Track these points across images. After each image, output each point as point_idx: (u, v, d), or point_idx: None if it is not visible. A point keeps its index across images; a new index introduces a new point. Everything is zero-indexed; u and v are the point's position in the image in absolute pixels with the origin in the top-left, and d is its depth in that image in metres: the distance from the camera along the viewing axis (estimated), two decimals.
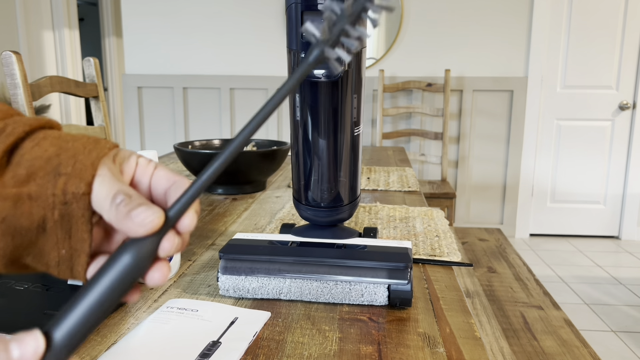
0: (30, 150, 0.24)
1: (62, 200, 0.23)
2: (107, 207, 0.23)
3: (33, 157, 0.24)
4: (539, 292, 1.36)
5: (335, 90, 0.50)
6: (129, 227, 0.23)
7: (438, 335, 0.44)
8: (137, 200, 0.24)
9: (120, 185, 0.24)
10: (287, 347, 0.41)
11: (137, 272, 0.22)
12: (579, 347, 1.03)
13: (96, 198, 0.24)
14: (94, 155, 0.24)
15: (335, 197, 0.56)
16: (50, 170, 0.24)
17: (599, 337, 1.61)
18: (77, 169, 0.24)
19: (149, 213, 0.23)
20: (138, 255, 0.22)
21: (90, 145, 0.25)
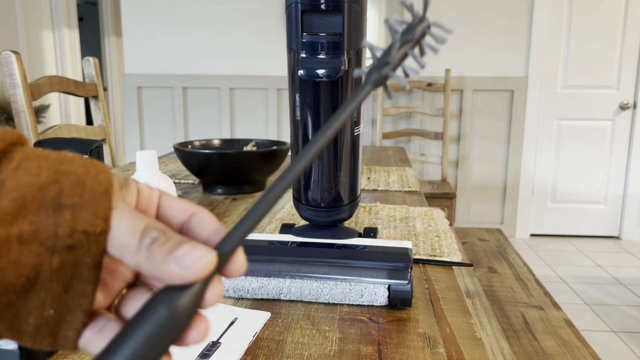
0: (13, 174, 0.17)
1: (68, 244, 0.17)
2: (133, 249, 0.18)
3: (19, 184, 0.17)
4: (539, 293, 1.36)
5: (335, 89, 0.50)
6: (170, 273, 0.17)
7: (438, 336, 0.43)
8: (176, 236, 0.18)
9: (147, 218, 0.19)
10: (287, 347, 0.41)
11: (175, 333, 0.17)
12: (580, 347, 1.03)
13: (115, 237, 0.18)
14: (103, 180, 0.18)
15: (335, 197, 0.55)
16: (47, 202, 0.17)
17: (600, 338, 1.61)
18: (86, 199, 0.18)
19: (200, 253, 0.18)
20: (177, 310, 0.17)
21: (91, 166, 0.19)
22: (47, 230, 0.17)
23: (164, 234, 0.18)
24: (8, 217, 0.17)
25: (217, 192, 0.94)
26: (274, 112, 2.62)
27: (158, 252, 0.18)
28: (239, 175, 0.91)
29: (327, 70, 0.47)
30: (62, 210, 0.17)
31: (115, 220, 0.18)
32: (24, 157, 0.18)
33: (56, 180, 0.18)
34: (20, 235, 0.17)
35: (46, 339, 0.18)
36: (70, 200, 0.18)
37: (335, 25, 0.47)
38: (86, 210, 0.18)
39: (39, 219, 0.17)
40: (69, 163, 0.18)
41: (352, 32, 0.48)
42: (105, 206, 0.18)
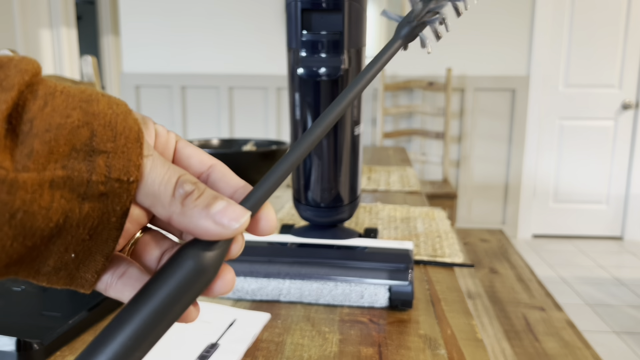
0: (41, 112, 0.16)
1: (101, 191, 0.17)
2: (166, 200, 0.17)
3: (51, 125, 0.16)
4: (541, 293, 1.36)
5: (335, 88, 0.50)
6: (205, 229, 0.17)
7: (439, 337, 0.43)
8: (210, 190, 0.18)
9: (179, 168, 0.18)
10: (286, 348, 0.41)
11: (202, 286, 0.18)
12: (581, 348, 1.02)
13: (147, 186, 0.17)
14: (132, 123, 0.18)
15: (335, 197, 0.55)
16: (80, 146, 0.16)
17: (602, 338, 1.61)
18: (119, 145, 0.17)
19: (237, 212, 0.17)
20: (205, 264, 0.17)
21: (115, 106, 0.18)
22: (81, 176, 0.16)
23: (197, 187, 0.18)
24: (42, 160, 0.16)
25: None
26: (273, 112, 2.61)
27: (193, 206, 0.17)
28: (238, 174, 0.90)
29: (327, 69, 0.47)
30: (96, 155, 0.17)
31: (148, 169, 0.17)
32: (49, 93, 0.17)
33: (87, 123, 0.17)
34: (53, 180, 0.16)
35: (62, 280, 0.18)
36: (104, 146, 0.17)
37: (336, 23, 0.47)
38: (120, 157, 0.17)
39: (72, 163, 0.16)
40: (96, 103, 0.17)
41: (352, 31, 0.48)
42: (138, 153, 0.17)
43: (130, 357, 0.16)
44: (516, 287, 1.45)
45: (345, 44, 0.47)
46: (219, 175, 0.20)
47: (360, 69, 0.51)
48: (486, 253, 2.03)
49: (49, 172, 0.16)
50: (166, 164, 0.18)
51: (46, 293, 0.51)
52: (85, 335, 0.42)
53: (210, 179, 0.20)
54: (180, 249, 0.18)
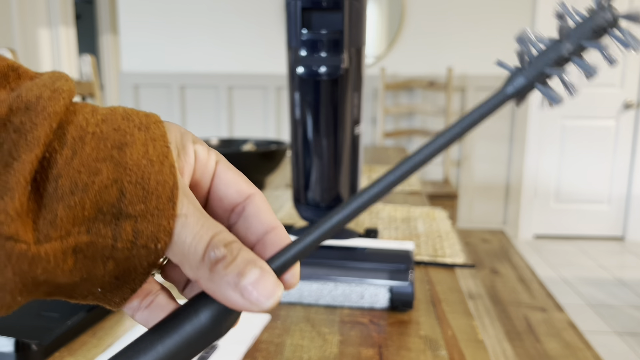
0: (68, 167, 0.15)
1: (125, 255, 0.16)
2: (195, 262, 0.16)
3: (76, 185, 0.15)
4: (542, 294, 1.35)
5: (335, 88, 0.49)
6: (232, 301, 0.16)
7: (440, 338, 0.43)
8: (243, 254, 0.16)
9: (214, 225, 0.17)
10: (286, 350, 0.41)
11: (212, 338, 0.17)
12: (583, 349, 1.02)
13: (177, 246, 0.16)
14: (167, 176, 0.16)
15: (335, 197, 0.55)
16: (107, 208, 0.15)
17: (603, 339, 1.60)
18: (150, 208, 0.16)
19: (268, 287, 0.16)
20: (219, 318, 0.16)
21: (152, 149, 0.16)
22: (105, 242, 0.15)
23: (230, 251, 0.16)
24: (66, 227, 0.15)
25: None
26: (272, 111, 2.61)
27: (222, 274, 0.16)
28: None
29: (327, 68, 0.47)
30: (123, 219, 0.15)
31: (179, 228, 0.16)
32: (78, 138, 0.15)
33: (117, 180, 0.15)
34: (76, 246, 0.15)
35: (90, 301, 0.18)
36: (132, 209, 0.15)
37: (336, 22, 0.47)
38: (149, 221, 0.16)
39: (97, 227, 0.15)
40: (130, 147, 0.16)
41: (352, 30, 0.47)
42: (169, 215, 0.16)
43: None
44: (517, 288, 1.45)
45: (346, 43, 0.47)
46: (255, 210, 0.19)
47: (360, 68, 0.51)
48: (487, 253, 2.03)
49: (72, 239, 0.15)
50: (200, 220, 0.16)
51: None
52: (84, 336, 0.41)
53: (245, 213, 0.19)
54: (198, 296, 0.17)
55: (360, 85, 0.52)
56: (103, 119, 0.16)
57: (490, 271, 1.69)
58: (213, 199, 0.19)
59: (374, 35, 2.52)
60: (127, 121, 0.17)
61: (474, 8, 2.46)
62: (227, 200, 0.19)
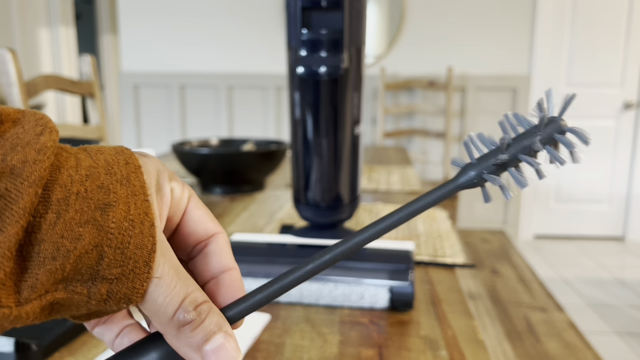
0: (51, 232, 0.15)
1: (100, 309, 0.17)
2: (164, 320, 0.17)
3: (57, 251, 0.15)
4: (542, 294, 1.35)
5: (335, 88, 0.49)
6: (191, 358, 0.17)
7: (440, 338, 0.43)
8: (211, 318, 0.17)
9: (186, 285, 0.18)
10: (286, 350, 0.41)
11: None
12: (583, 349, 1.02)
13: (149, 303, 0.17)
14: (147, 240, 0.17)
15: (335, 197, 0.55)
16: (85, 269, 0.16)
17: (603, 339, 1.60)
18: (127, 271, 0.16)
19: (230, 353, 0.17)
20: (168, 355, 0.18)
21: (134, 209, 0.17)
22: (81, 298, 0.16)
23: (199, 313, 0.17)
24: (46, 288, 0.15)
25: (215, 192, 0.93)
26: (272, 111, 2.61)
27: (188, 336, 0.17)
28: (237, 175, 0.90)
29: (327, 68, 0.47)
30: (101, 282, 0.16)
31: (152, 288, 0.17)
32: (63, 200, 0.15)
33: (98, 245, 0.16)
34: (53, 301, 0.16)
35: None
36: (109, 273, 0.16)
37: (336, 22, 0.47)
38: (124, 283, 0.17)
39: (74, 286, 0.16)
40: (113, 210, 0.16)
41: (352, 30, 0.47)
42: (144, 278, 0.17)
43: None
44: (517, 288, 1.45)
45: (346, 43, 0.47)
46: (217, 250, 0.20)
47: (360, 68, 0.51)
48: (487, 253, 2.03)
49: (50, 295, 0.16)
50: (174, 282, 0.17)
51: None
52: (84, 336, 0.41)
53: (206, 250, 0.20)
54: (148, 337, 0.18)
55: (360, 85, 0.52)
56: (87, 175, 0.16)
57: (490, 271, 1.69)
58: (180, 233, 0.20)
59: (374, 35, 2.52)
60: (109, 176, 0.17)
61: (474, 8, 2.46)
62: (193, 237, 0.20)
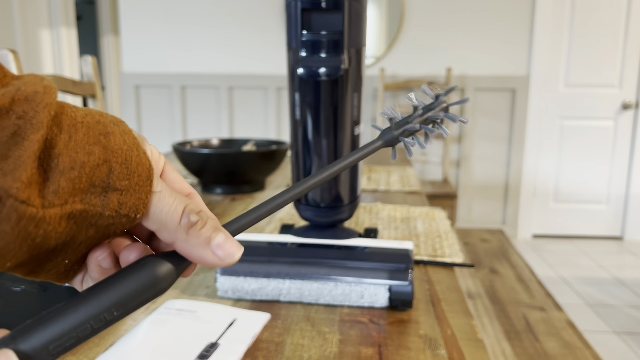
0: (67, 149, 0.18)
1: (109, 222, 0.19)
2: (172, 227, 0.20)
3: (74, 162, 0.18)
4: (541, 294, 1.36)
5: (335, 88, 0.50)
6: (204, 258, 0.20)
7: (439, 337, 0.43)
8: (211, 221, 0.20)
9: (185, 199, 0.20)
10: (286, 349, 0.41)
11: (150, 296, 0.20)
12: (582, 348, 1.02)
13: (154, 216, 0.20)
14: (144, 160, 0.20)
15: (335, 197, 0.55)
16: (98, 182, 0.19)
17: (602, 339, 1.60)
18: (134, 183, 0.19)
19: (233, 248, 0.20)
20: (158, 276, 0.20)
21: (129, 139, 0.20)
22: (95, 210, 0.19)
23: (201, 217, 0.20)
24: (65, 197, 0.18)
25: (216, 192, 0.93)
26: (273, 112, 2.61)
27: (196, 236, 0.19)
28: (237, 175, 0.90)
29: (327, 69, 0.47)
30: (111, 192, 0.19)
31: (155, 201, 0.20)
32: (71, 125, 0.19)
33: (107, 160, 0.19)
34: (71, 212, 0.18)
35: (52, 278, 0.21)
36: (119, 184, 0.19)
37: (336, 23, 0.47)
38: (131, 194, 0.19)
39: (90, 198, 0.18)
40: (112, 136, 0.19)
41: (352, 31, 0.48)
42: (147, 191, 0.20)
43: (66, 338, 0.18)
44: (516, 287, 1.45)
45: (345, 44, 0.47)
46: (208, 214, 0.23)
47: (360, 68, 0.51)
48: (486, 253, 2.03)
49: (69, 206, 0.18)
50: (173, 195, 0.20)
51: (46, 293, 0.50)
52: None
53: None
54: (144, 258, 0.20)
55: (360, 85, 0.52)
56: (85, 113, 0.19)
57: (489, 271, 1.70)
58: None
59: (374, 35, 2.52)
60: (103, 117, 0.20)
61: (473, 9, 2.46)
62: None
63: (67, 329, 0.17)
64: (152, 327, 0.43)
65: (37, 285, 0.52)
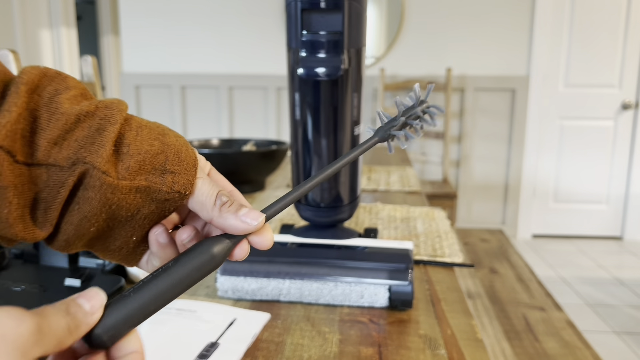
0: (135, 141, 0.25)
1: (165, 198, 0.25)
2: (209, 206, 0.25)
3: (140, 150, 0.25)
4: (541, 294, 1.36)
5: (335, 88, 0.50)
6: (234, 226, 0.25)
7: (439, 337, 0.43)
8: (238, 201, 0.26)
9: (218, 187, 0.26)
10: (286, 348, 0.41)
11: (209, 269, 0.25)
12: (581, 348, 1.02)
13: (197, 197, 0.26)
14: (192, 154, 0.26)
15: (335, 197, 0.55)
16: (158, 166, 0.25)
17: (602, 339, 1.61)
18: (183, 168, 0.25)
19: (255, 214, 0.25)
20: (216, 254, 0.25)
21: (180, 140, 0.27)
22: (155, 186, 0.25)
23: (230, 199, 0.26)
24: (133, 173, 0.24)
25: None
26: (273, 112, 2.61)
27: (226, 211, 0.25)
28: (238, 175, 0.90)
29: (327, 69, 0.47)
30: (167, 174, 0.25)
31: (199, 185, 0.26)
32: (138, 126, 0.25)
33: (163, 151, 0.25)
34: (138, 187, 0.24)
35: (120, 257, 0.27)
36: (173, 168, 0.25)
37: (335, 23, 0.47)
38: (182, 176, 0.25)
39: (151, 177, 0.25)
40: (168, 136, 0.26)
41: (352, 31, 0.48)
42: (193, 175, 0.26)
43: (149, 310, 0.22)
44: (516, 287, 1.45)
45: (345, 44, 0.47)
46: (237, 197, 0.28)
47: (360, 69, 0.51)
48: (486, 253, 2.04)
49: (137, 182, 0.24)
50: (211, 183, 0.26)
51: (46, 293, 0.50)
52: None
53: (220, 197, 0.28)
54: (201, 241, 0.25)
55: (360, 86, 0.52)
56: (148, 122, 0.26)
57: (489, 271, 1.70)
58: None
59: (374, 36, 2.52)
60: (161, 125, 0.27)
61: (473, 9, 2.46)
62: None
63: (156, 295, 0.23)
64: (152, 326, 0.44)
65: (37, 286, 0.52)
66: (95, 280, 0.52)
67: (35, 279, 0.53)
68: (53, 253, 0.55)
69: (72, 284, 0.52)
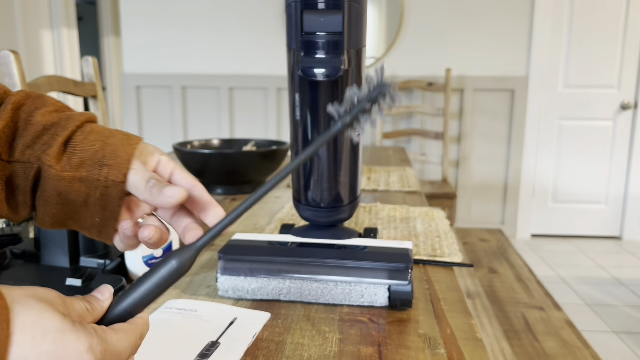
0: (81, 142, 0.32)
1: (104, 185, 0.31)
2: (142, 189, 0.31)
3: (83, 149, 0.32)
4: (540, 293, 1.36)
5: (335, 89, 0.50)
6: (162, 200, 0.31)
7: (439, 337, 0.43)
8: (164, 182, 0.32)
9: (150, 173, 0.32)
10: (286, 348, 0.41)
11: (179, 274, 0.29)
12: (580, 348, 1.03)
13: (132, 183, 0.32)
14: (128, 151, 0.32)
15: (335, 197, 0.55)
16: (96, 161, 0.32)
17: (601, 338, 1.61)
18: (117, 162, 0.32)
19: (176, 189, 0.31)
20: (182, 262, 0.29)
21: (124, 141, 0.33)
22: (94, 176, 0.32)
23: (158, 180, 0.32)
24: (75, 167, 0.32)
25: (216, 192, 0.94)
26: (273, 112, 2.61)
27: (154, 189, 0.31)
28: (238, 175, 0.90)
29: (326, 69, 0.47)
30: (103, 167, 0.32)
31: (132, 174, 0.32)
32: (89, 131, 0.33)
33: (102, 149, 0.32)
34: (80, 177, 0.32)
35: (95, 233, 0.33)
36: (108, 162, 0.32)
37: (335, 24, 0.47)
38: (115, 169, 0.32)
39: (90, 169, 0.32)
40: (113, 137, 0.33)
41: (352, 32, 0.48)
42: (126, 167, 0.32)
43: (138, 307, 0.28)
44: (515, 287, 1.46)
45: (345, 45, 0.48)
46: (198, 193, 0.33)
47: (360, 69, 0.51)
48: (485, 253, 2.04)
49: (78, 173, 0.32)
50: (144, 171, 0.32)
51: None
52: None
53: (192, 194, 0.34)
54: (169, 254, 0.29)
55: (360, 86, 0.52)
56: (103, 128, 0.33)
57: (488, 270, 1.70)
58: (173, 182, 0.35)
59: (373, 36, 2.53)
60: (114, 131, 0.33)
61: (473, 10, 2.47)
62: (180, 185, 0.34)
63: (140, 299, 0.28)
64: (152, 326, 0.44)
65: (37, 284, 0.52)
66: (97, 279, 0.52)
67: (36, 278, 0.53)
68: (54, 253, 0.56)
69: (73, 284, 0.52)
